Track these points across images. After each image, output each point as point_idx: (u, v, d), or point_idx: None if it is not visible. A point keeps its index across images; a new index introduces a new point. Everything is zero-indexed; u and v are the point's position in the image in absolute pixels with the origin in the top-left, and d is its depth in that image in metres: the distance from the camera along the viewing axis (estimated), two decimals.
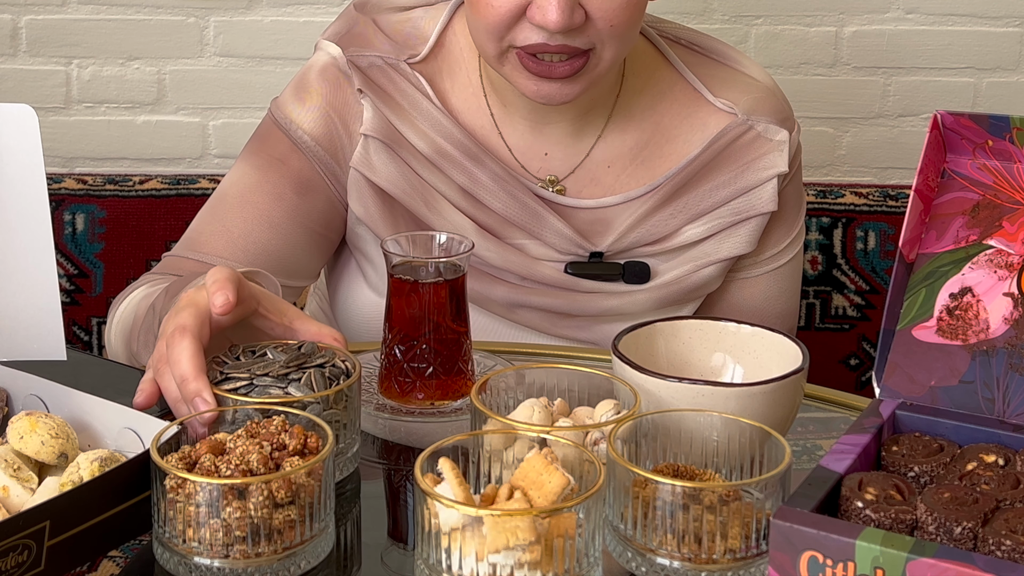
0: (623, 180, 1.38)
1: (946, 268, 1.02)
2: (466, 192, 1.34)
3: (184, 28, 2.04)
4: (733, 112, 1.37)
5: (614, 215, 1.37)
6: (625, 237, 1.36)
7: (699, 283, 1.39)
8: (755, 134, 1.37)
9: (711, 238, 1.38)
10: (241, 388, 1.03)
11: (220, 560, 0.90)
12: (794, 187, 1.43)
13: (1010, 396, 0.98)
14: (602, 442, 0.98)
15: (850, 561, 0.82)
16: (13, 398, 1.06)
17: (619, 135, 1.38)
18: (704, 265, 1.38)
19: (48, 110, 2.05)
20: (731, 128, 1.37)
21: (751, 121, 1.37)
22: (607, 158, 1.38)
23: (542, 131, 1.37)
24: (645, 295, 1.37)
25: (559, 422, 1.01)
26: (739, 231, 1.38)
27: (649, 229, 1.37)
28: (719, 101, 1.38)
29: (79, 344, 1.86)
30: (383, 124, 1.34)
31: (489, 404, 1.03)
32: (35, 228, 1.03)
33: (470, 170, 1.34)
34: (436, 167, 1.34)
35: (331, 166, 1.35)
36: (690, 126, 1.38)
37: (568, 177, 1.37)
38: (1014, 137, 1.00)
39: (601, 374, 1.05)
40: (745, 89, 1.39)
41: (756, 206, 1.37)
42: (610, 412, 1.02)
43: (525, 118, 1.36)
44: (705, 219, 1.37)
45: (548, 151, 1.37)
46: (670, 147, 1.38)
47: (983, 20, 2.04)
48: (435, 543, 0.86)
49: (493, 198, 1.34)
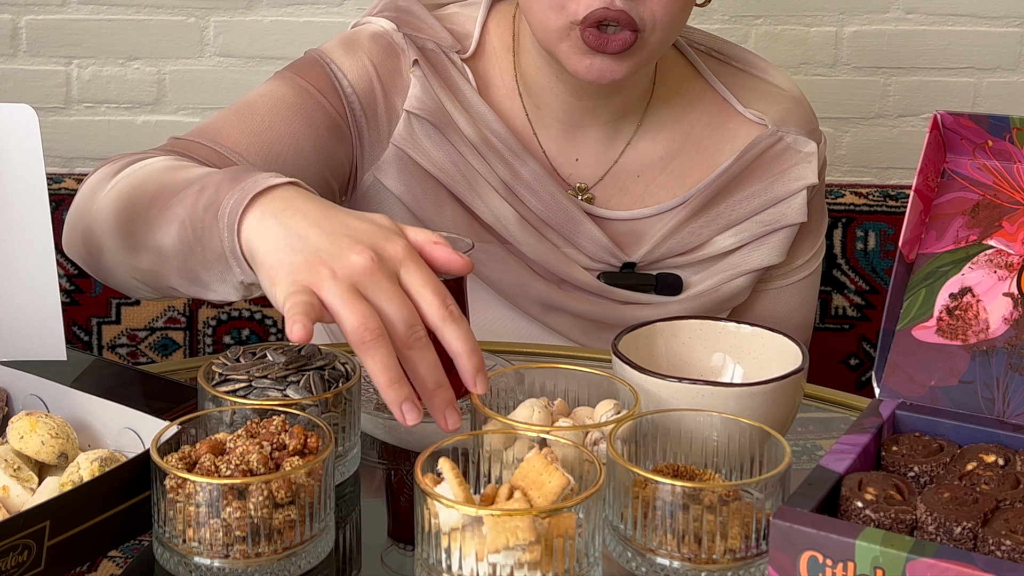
0: (652, 191, 1.38)
1: (946, 268, 1.02)
2: (507, 185, 1.35)
3: (184, 28, 2.04)
4: (763, 123, 1.38)
5: (647, 227, 1.38)
6: (657, 248, 1.37)
7: (730, 294, 1.39)
8: (785, 145, 1.38)
9: (741, 249, 1.39)
10: (239, 390, 1.03)
11: (220, 560, 0.90)
12: (819, 199, 1.44)
13: (1010, 396, 0.98)
14: (602, 442, 0.98)
15: (850, 561, 0.82)
16: (13, 398, 1.06)
17: (649, 144, 1.38)
18: (735, 276, 1.39)
19: (48, 110, 2.05)
20: (761, 139, 1.38)
21: (781, 132, 1.38)
22: (636, 167, 1.38)
23: (574, 135, 1.37)
24: (678, 307, 1.38)
25: (559, 422, 1.01)
26: (769, 241, 1.39)
27: (681, 240, 1.37)
28: (749, 112, 1.39)
29: (79, 344, 1.86)
30: (433, 104, 1.33)
31: (489, 404, 1.03)
32: (35, 228, 1.03)
33: (512, 165, 1.34)
34: (480, 155, 1.34)
35: (361, 123, 1.34)
36: (720, 136, 1.39)
37: (597, 185, 1.38)
38: (1014, 137, 1.00)
39: (601, 374, 1.06)
40: (774, 100, 1.40)
41: (786, 217, 1.38)
42: (610, 412, 1.02)
43: (560, 120, 1.36)
44: (736, 229, 1.38)
45: (579, 156, 1.38)
46: (700, 158, 1.39)
47: (983, 20, 2.04)
48: (435, 543, 0.86)
49: (533, 196, 1.35)
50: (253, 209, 0.99)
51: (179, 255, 1.07)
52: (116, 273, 1.18)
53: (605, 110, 1.35)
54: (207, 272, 1.05)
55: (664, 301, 1.37)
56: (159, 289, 1.15)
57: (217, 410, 0.99)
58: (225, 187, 1.02)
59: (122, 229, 1.13)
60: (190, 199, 1.05)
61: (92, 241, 1.19)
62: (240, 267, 1.02)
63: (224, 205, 1.01)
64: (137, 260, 1.13)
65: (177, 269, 1.08)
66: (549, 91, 1.34)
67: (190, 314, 1.86)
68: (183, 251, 1.06)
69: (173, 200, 1.07)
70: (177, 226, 1.06)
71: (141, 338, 1.86)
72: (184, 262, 1.07)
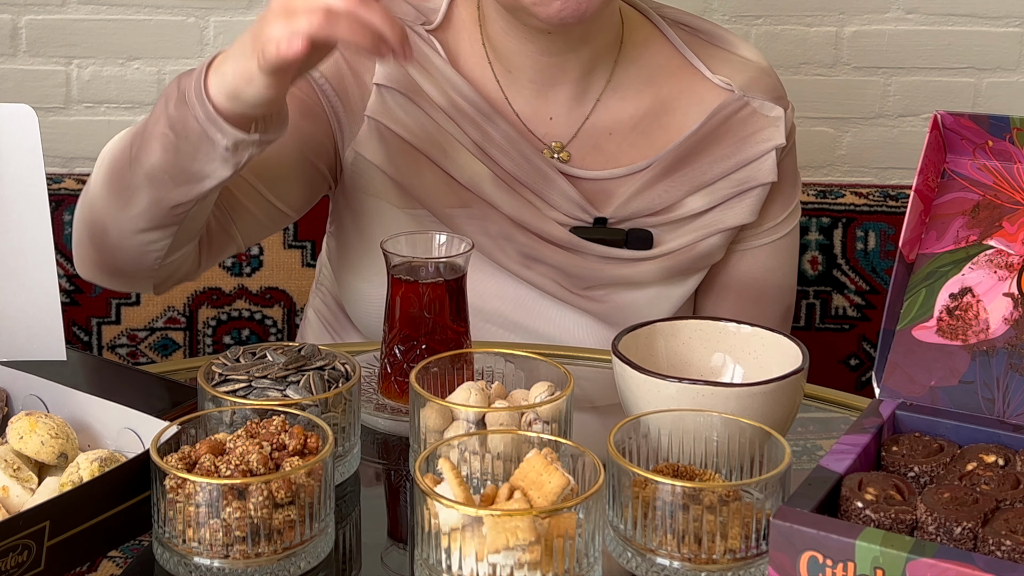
0: (624, 150, 1.41)
1: (946, 268, 1.02)
2: (480, 147, 1.38)
3: (184, 28, 2.04)
4: (730, 88, 1.41)
5: (616, 186, 1.40)
6: (627, 206, 1.39)
7: (705, 252, 1.42)
8: (751, 110, 1.41)
9: (714, 209, 1.41)
10: (239, 390, 1.03)
11: (220, 560, 0.90)
12: (789, 163, 1.46)
13: (1010, 396, 0.98)
14: (536, 423, 1.01)
15: (850, 561, 0.82)
16: (13, 398, 1.06)
17: (619, 102, 1.41)
18: (709, 234, 1.41)
19: (48, 110, 2.05)
20: (728, 103, 1.41)
21: (747, 97, 1.41)
22: (608, 125, 1.41)
23: (547, 95, 1.40)
24: (652, 264, 1.40)
25: (495, 403, 1.05)
26: (742, 202, 1.41)
27: (651, 199, 1.40)
28: (716, 77, 1.42)
29: (79, 344, 1.86)
30: (400, 74, 1.37)
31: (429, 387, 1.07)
32: (35, 228, 1.03)
33: (483, 127, 1.38)
34: (452, 119, 1.37)
35: (335, 104, 1.38)
36: (688, 99, 1.42)
37: (572, 142, 1.41)
38: (1014, 137, 1.00)
39: (537, 358, 1.09)
40: (741, 68, 1.43)
41: (756, 177, 1.41)
42: (544, 394, 1.06)
43: (532, 81, 1.39)
44: (707, 191, 1.41)
45: (553, 115, 1.41)
46: (669, 119, 1.42)
47: (983, 20, 2.04)
48: (435, 543, 0.87)
49: (504, 156, 1.38)
50: (211, 74, 1.16)
51: (167, 164, 1.18)
52: (124, 243, 1.25)
53: (574, 65, 1.39)
54: (195, 160, 1.17)
55: (638, 256, 1.40)
56: (164, 220, 1.23)
57: (217, 410, 0.99)
58: (184, 81, 1.18)
59: (114, 187, 1.24)
60: (160, 113, 1.19)
61: (95, 227, 1.27)
62: (220, 129, 1.15)
63: (188, 89, 1.17)
64: (135, 205, 1.22)
65: (170, 180, 1.19)
66: (519, 53, 1.37)
67: (190, 314, 1.86)
68: (170, 158, 1.18)
69: (147, 129, 1.21)
70: (158, 139, 1.19)
71: (141, 338, 1.86)
72: (174, 168, 1.18)
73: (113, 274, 1.32)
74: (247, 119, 1.16)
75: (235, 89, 1.14)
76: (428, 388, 1.06)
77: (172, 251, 1.27)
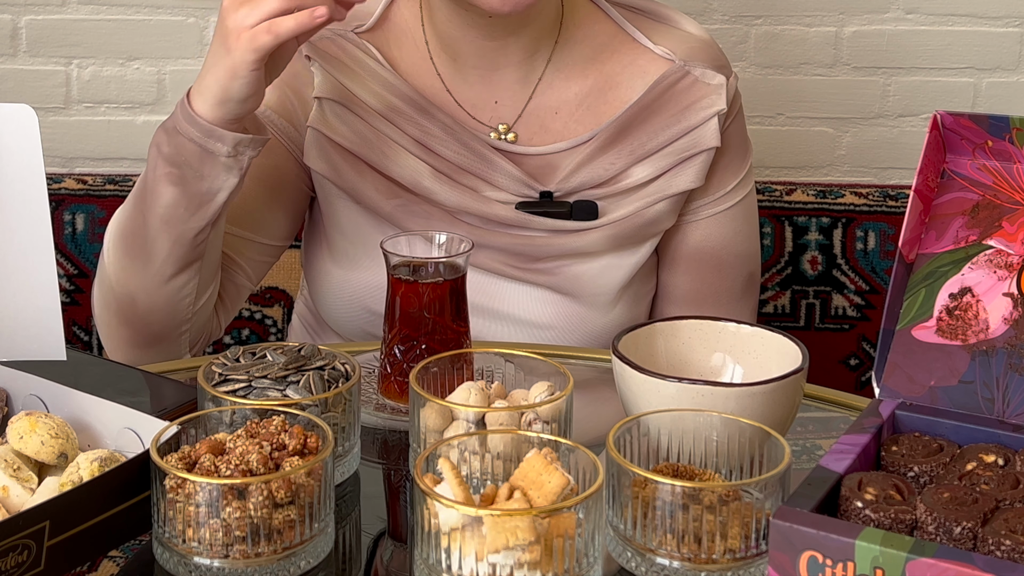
0: (570, 127, 1.44)
1: (946, 268, 1.02)
2: (418, 142, 1.41)
3: (184, 28, 2.04)
4: (671, 59, 1.44)
5: (559, 160, 1.43)
6: (571, 178, 1.42)
7: (652, 218, 1.43)
8: (692, 79, 1.43)
9: (659, 178, 1.43)
10: (239, 390, 1.03)
11: (220, 560, 0.90)
12: (736, 130, 1.47)
13: (1010, 396, 0.98)
14: (536, 422, 1.01)
15: (850, 561, 0.82)
16: (13, 398, 1.06)
17: (563, 82, 1.44)
18: (656, 201, 1.43)
19: (48, 110, 2.05)
20: (670, 73, 1.43)
21: (688, 67, 1.43)
22: (553, 104, 1.44)
23: (491, 79, 1.43)
24: (599, 233, 1.42)
25: (495, 403, 1.06)
26: (687, 168, 1.43)
27: (595, 171, 1.42)
28: (658, 48, 1.44)
29: (79, 344, 1.86)
30: (334, 85, 1.40)
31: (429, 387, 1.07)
32: (35, 228, 1.03)
33: (420, 122, 1.41)
34: (388, 120, 1.41)
35: (286, 129, 1.42)
36: (631, 73, 1.44)
37: (518, 123, 1.44)
38: (1014, 137, 1.00)
39: (537, 358, 1.10)
40: (682, 40, 1.45)
41: (700, 143, 1.42)
42: (543, 393, 1.06)
43: (476, 67, 1.42)
44: (651, 160, 1.42)
45: (498, 99, 1.44)
46: (613, 94, 1.44)
47: (983, 20, 2.04)
48: (435, 543, 0.87)
49: (444, 147, 1.41)
50: (193, 98, 1.24)
51: (180, 196, 1.27)
52: (156, 301, 1.33)
53: (516, 48, 1.41)
54: (203, 179, 1.26)
55: (584, 227, 1.41)
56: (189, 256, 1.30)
57: (217, 410, 0.99)
58: (167, 122, 1.27)
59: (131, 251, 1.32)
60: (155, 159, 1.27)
61: (122, 303, 1.34)
62: (218, 137, 1.24)
63: (176, 123, 1.25)
64: (158, 255, 1.30)
65: (185, 211, 1.28)
66: (463, 39, 1.40)
67: None
68: (180, 189, 1.27)
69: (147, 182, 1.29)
70: (163, 180, 1.27)
71: None
72: (185, 196, 1.27)
73: (149, 344, 1.37)
74: (239, 121, 1.25)
75: (223, 92, 1.22)
76: (428, 388, 1.06)
77: (201, 292, 1.34)
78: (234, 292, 1.44)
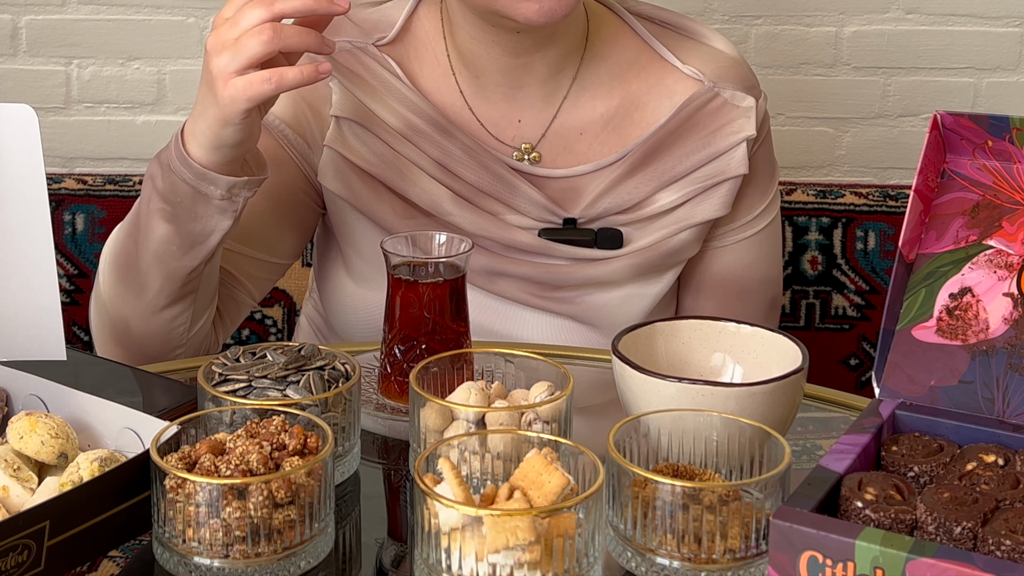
0: (595, 148, 1.40)
1: (946, 268, 1.02)
2: (439, 164, 1.37)
3: (184, 28, 2.04)
4: (700, 79, 1.40)
5: (585, 183, 1.39)
6: (597, 204, 1.38)
7: (676, 248, 1.40)
8: (722, 101, 1.39)
9: (685, 204, 1.40)
10: (239, 390, 1.03)
11: (220, 560, 0.90)
12: (764, 154, 1.45)
13: (1010, 396, 0.98)
14: (536, 423, 1.01)
15: (850, 561, 0.82)
16: (13, 398, 1.06)
17: (589, 101, 1.40)
18: (680, 230, 1.40)
19: (48, 110, 2.05)
20: (698, 95, 1.39)
21: (717, 88, 1.39)
22: (578, 124, 1.40)
23: (515, 97, 1.39)
24: (622, 262, 1.39)
25: (495, 403, 1.05)
26: (713, 195, 1.39)
27: (620, 196, 1.39)
28: (687, 68, 1.40)
29: (79, 344, 1.86)
30: (354, 104, 1.37)
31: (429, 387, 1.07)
32: (35, 228, 1.03)
33: (441, 143, 1.37)
34: (408, 141, 1.37)
35: (299, 145, 1.38)
36: (658, 94, 1.40)
37: (541, 143, 1.40)
38: (1014, 137, 1.00)
39: (537, 358, 1.09)
40: (711, 59, 1.41)
41: (727, 170, 1.39)
42: (544, 394, 1.06)
43: (499, 85, 1.39)
44: (677, 186, 1.39)
45: (521, 118, 1.40)
46: (640, 115, 1.40)
47: (983, 20, 2.04)
48: (435, 543, 0.87)
49: (466, 169, 1.37)
50: (187, 140, 1.22)
51: (172, 234, 1.25)
52: (149, 329, 1.32)
53: (541, 65, 1.37)
54: (196, 221, 1.24)
55: (607, 256, 1.38)
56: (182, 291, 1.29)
57: (217, 410, 0.99)
58: (163, 155, 1.24)
59: (124, 280, 1.30)
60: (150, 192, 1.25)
61: (117, 327, 1.33)
62: (211, 181, 1.21)
63: (170, 160, 1.22)
64: (150, 288, 1.28)
65: (177, 249, 1.25)
66: (486, 57, 1.36)
67: None
68: (172, 227, 1.25)
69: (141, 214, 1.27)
70: (156, 215, 1.25)
71: None
72: (178, 235, 1.25)
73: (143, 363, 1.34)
74: (235, 165, 1.22)
75: (216, 138, 1.19)
76: (428, 388, 1.06)
77: (196, 320, 1.33)
78: (234, 309, 1.41)
